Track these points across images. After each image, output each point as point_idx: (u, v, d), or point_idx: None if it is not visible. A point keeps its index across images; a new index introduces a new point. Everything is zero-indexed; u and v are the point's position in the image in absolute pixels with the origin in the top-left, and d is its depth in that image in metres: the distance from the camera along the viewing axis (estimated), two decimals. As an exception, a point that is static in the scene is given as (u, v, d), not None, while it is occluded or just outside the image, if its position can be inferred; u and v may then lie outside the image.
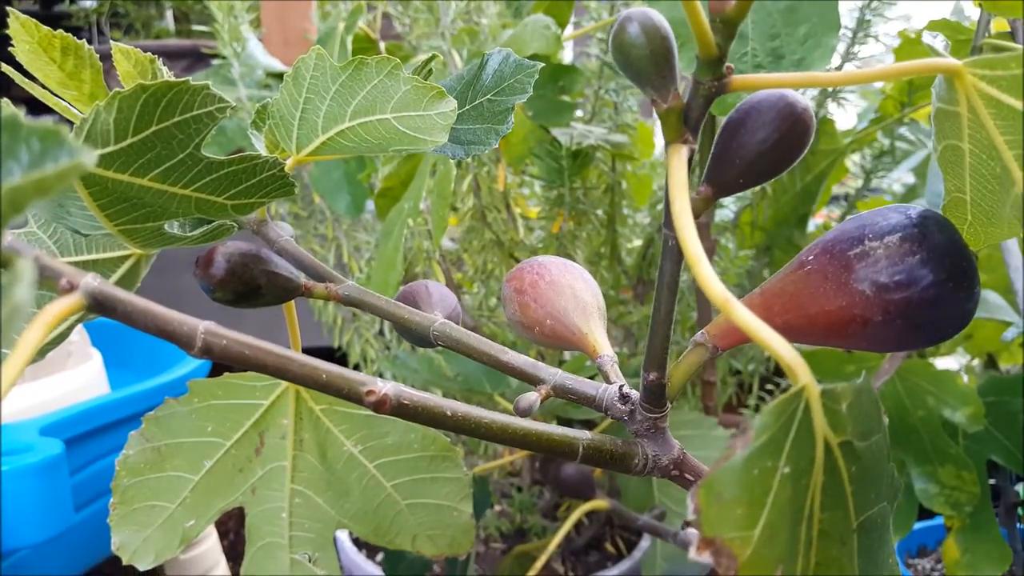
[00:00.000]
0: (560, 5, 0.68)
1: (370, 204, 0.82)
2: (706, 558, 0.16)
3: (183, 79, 0.23)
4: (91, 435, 0.79)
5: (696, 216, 0.23)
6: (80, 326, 0.76)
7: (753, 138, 0.23)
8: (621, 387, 0.28)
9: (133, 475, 0.43)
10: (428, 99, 0.28)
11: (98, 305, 0.20)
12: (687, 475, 0.28)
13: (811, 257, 0.25)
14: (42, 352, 0.38)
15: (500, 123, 0.30)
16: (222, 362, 0.21)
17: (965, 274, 0.23)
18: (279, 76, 0.88)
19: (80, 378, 0.92)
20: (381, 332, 0.88)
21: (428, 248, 0.77)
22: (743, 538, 0.16)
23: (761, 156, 0.23)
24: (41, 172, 0.11)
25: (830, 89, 0.78)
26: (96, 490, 0.78)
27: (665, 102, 0.21)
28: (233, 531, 1.22)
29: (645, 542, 0.83)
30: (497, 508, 0.87)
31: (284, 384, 0.43)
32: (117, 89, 0.22)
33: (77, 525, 0.74)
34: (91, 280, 0.20)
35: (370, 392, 0.22)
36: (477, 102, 0.31)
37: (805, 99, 0.22)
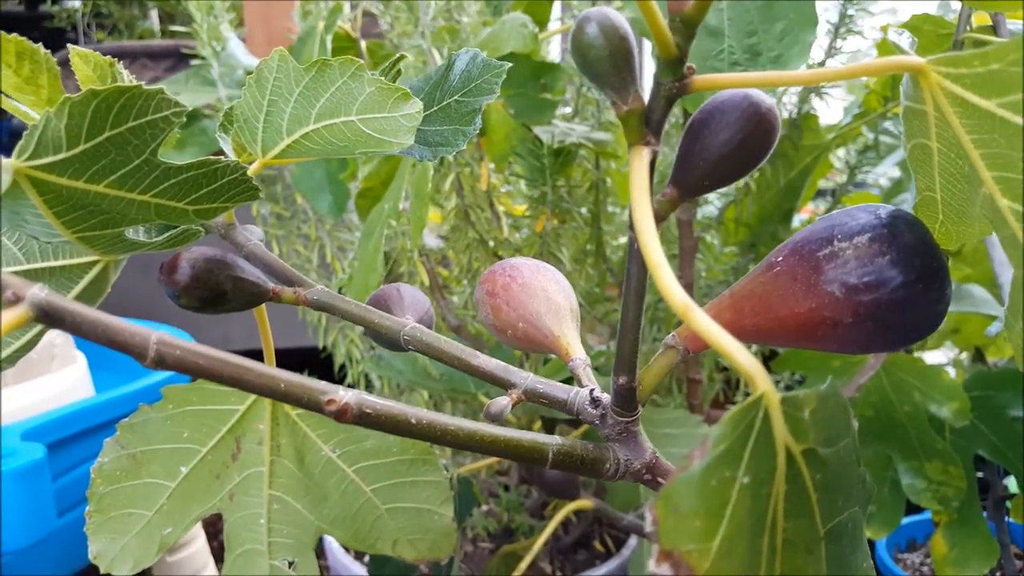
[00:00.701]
0: (540, 3, 0.67)
1: (352, 203, 0.81)
2: (665, 570, 0.16)
3: (135, 84, 0.23)
4: (74, 439, 0.79)
5: (661, 219, 0.23)
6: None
7: (716, 139, 0.22)
8: (592, 391, 0.27)
9: (109, 483, 0.43)
10: (393, 101, 0.28)
11: (46, 316, 0.19)
12: (659, 479, 0.27)
13: (780, 258, 0.25)
14: (11, 360, 0.38)
15: (467, 124, 0.29)
16: (176, 372, 0.21)
17: (935, 275, 0.23)
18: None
19: (64, 381, 0.91)
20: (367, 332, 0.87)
21: (410, 249, 0.77)
22: (701, 550, 0.16)
23: (725, 158, 0.22)
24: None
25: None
26: (79, 495, 0.77)
27: (625, 104, 0.21)
28: (222, 532, 1.22)
29: (633, 540, 0.83)
30: (484, 507, 0.87)
31: (260, 389, 0.42)
32: (67, 95, 0.22)
33: (60, 530, 0.74)
34: (38, 291, 0.19)
35: (331, 401, 0.22)
36: (445, 103, 0.30)
37: (770, 99, 0.22)
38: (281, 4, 1.14)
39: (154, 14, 1.76)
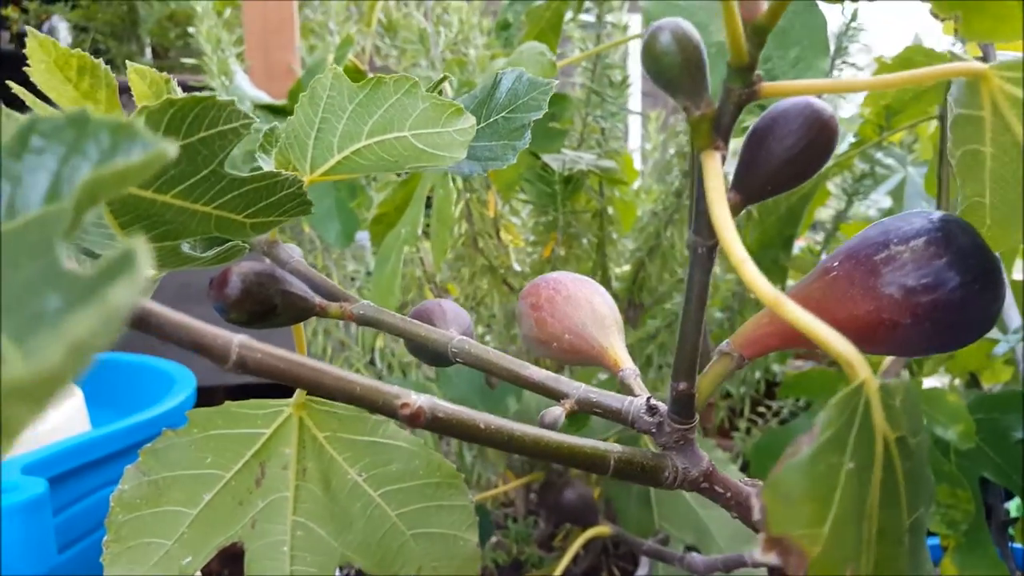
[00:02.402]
0: (547, 37, 0.69)
1: (360, 233, 0.81)
2: (772, 559, 0.16)
3: (209, 95, 0.23)
4: (75, 473, 0.77)
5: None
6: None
7: (780, 145, 0.23)
8: (648, 399, 0.27)
9: (128, 511, 0.42)
10: (446, 116, 0.28)
11: (134, 318, 0.19)
12: (716, 487, 0.27)
13: (836, 263, 0.25)
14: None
15: (517, 138, 0.30)
16: (255, 375, 0.21)
17: (990, 275, 0.24)
18: (266, 108, 0.88)
19: (61, 415, 0.89)
20: (372, 362, 0.87)
21: (419, 276, 0.77)
22: (812, 535, 0.16)
23: (788, 163, 0.23)
24: (118, 163, 0.11)
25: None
26: (80, 530, 0.75)
27: (698, 109, 0.21)
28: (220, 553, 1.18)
29: (643, 570, 0.82)
30: (493, 540, 0.86)
31: (287, 412, 0.42)
32: (144, 104, 0.22)
33: (60, 566, 0.72)
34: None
35: (404, 405, 0.22)
36: (492, 119, 0.31)
37: (830, 106, 0.23)
38: (281, 38, 1.16)
39: (147, 50, 1.78)
